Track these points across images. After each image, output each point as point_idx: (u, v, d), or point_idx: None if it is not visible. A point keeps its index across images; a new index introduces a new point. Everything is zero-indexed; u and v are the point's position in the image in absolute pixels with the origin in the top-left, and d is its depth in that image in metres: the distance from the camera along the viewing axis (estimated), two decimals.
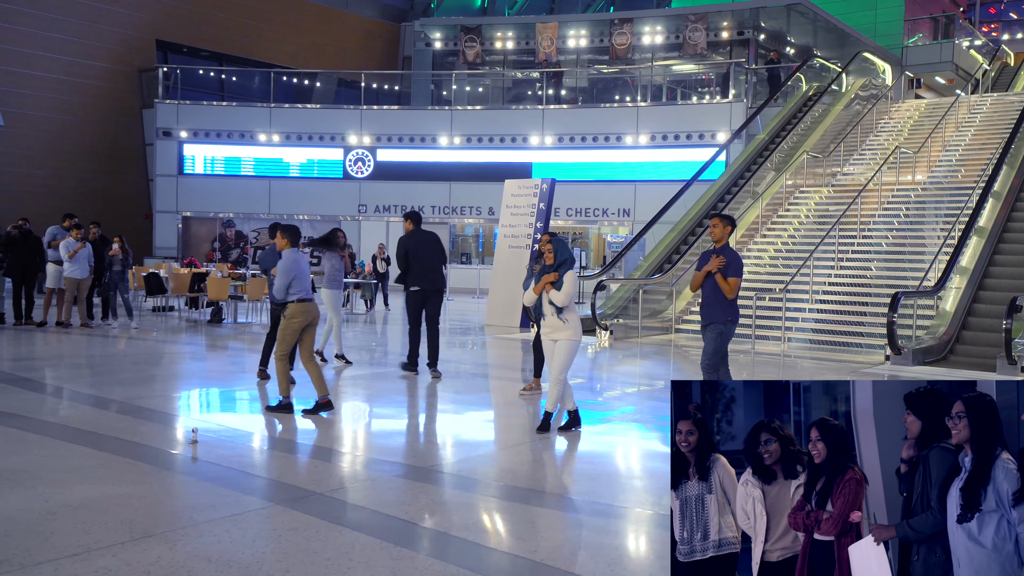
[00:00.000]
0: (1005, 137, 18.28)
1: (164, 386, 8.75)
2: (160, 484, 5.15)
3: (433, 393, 8.88)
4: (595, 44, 29.85)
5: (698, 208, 18.31)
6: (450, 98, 29.80)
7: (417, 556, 4.11)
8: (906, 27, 32.89)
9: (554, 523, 4.75)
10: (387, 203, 26.57)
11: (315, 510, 4.74)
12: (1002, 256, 13.94)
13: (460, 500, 5.12)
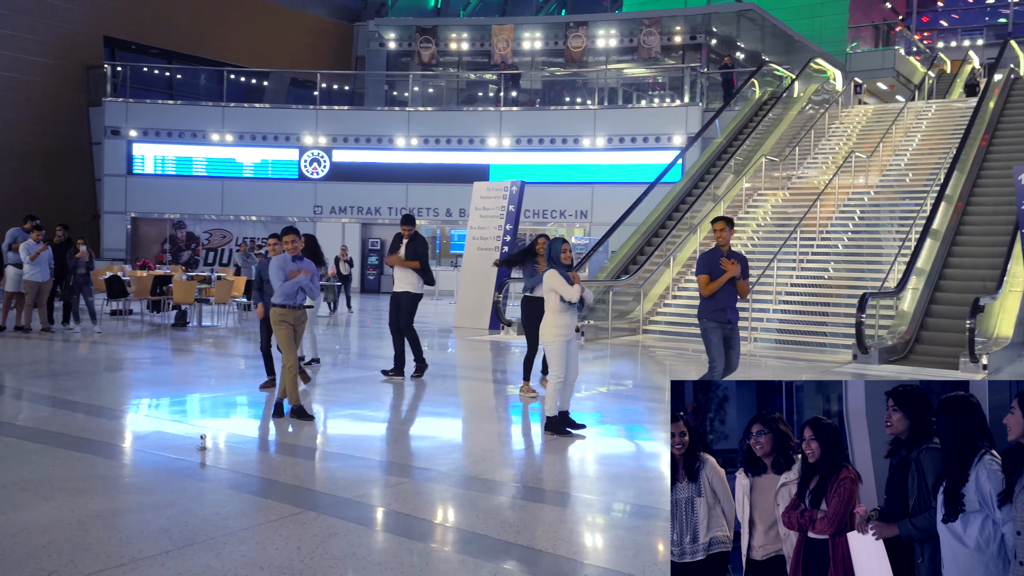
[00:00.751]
0: (951, 142, 19.01)
1: (150, 392, 8.61)
2: (182, 492, 5.09)
3: (431, 396, 8.91)
4: (550, 47, 30.06)
5: (660, 210, 18.61)
6: (405, 99, 29.72)
7: (468, 559, 4.16)
8: (850, 34, 33.85)
9: (582, 521, 4.84)
10: (343, 204, 26.40)
11: (348, 515, 4.75)
12: (955, 258, 14.45)
13: (489, 502, 5.18)
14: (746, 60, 29.88)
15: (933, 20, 51.25)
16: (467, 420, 8.04)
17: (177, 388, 8.90)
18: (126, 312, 16.38)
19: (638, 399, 9.54)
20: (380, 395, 8.79)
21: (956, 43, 45.40)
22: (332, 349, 12.48)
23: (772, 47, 30.46)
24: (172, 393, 8.57)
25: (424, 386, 9.31)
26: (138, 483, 5.29)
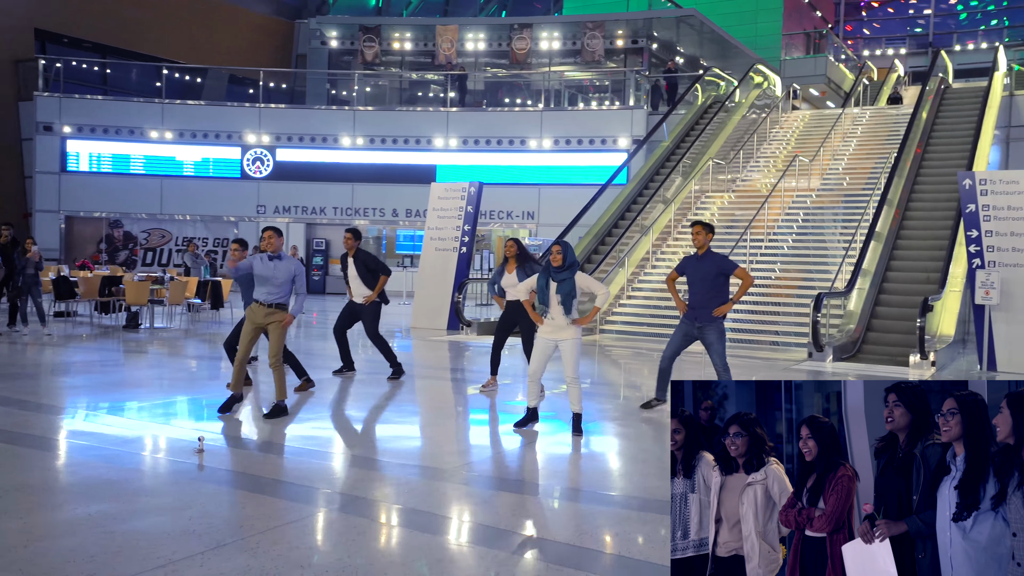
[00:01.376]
0: (885, 148, 19.78)
1: (123, 395, 8.45)
2: (196, 494, 5.06)
3: (408, 396, 8.95)
4: (494, 48, 30.20)
5: (611, 212, 18.91)
6: (348, 98, 29.52)
7: (499, 554, 4.26)
8: (784, 41, 34.80)
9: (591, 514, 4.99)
10: (288, 204, 26.08)
11: (370, 514, 4.80)
12: (897, 260, 15.08)
13: (508, 500, 5.27)
14: (686, 65, 30.47)
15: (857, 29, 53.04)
16: (457, 418, 8.11)
17: (156, 390, 8.75)
18: (70, 314, 15.94)
19: (593, 396, 9.72)
20: (360, 395, 8.80)
21: (881, 51, 47.06)
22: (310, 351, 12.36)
23: (710, 52, 31.16)
24: (152, 396, 8.42)
25: (401, 386, 9.34)
26: (145, 486, 5.24)
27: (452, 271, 15.51)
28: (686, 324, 7.82)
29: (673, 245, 17.58)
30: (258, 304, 7.31)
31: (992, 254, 11.52)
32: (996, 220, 11.57)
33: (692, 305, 7.75)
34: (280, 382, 7.35)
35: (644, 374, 11.30)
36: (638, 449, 6.88)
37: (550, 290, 6.92)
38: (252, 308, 7.38)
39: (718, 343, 7.70)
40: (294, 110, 26.94)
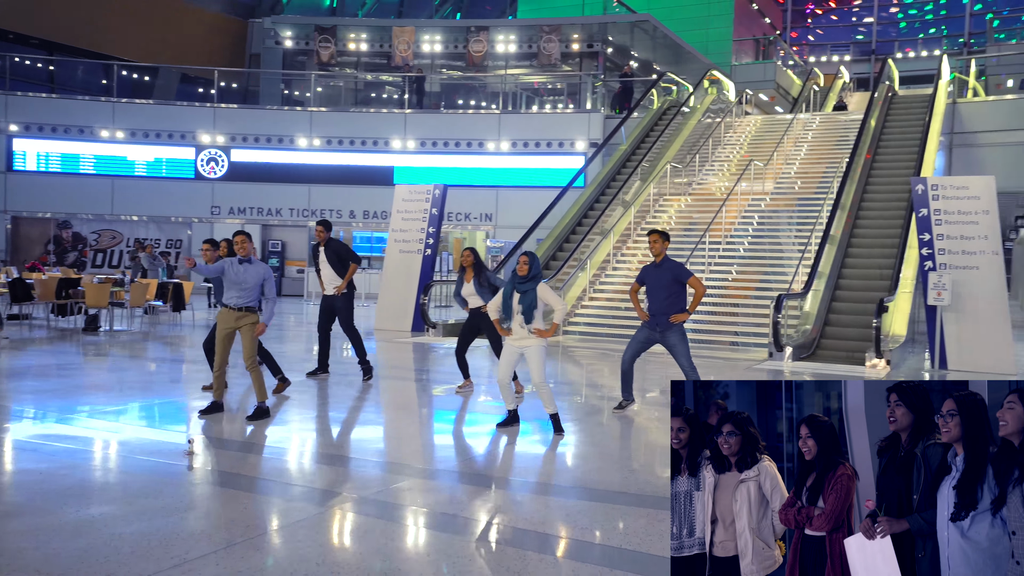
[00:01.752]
0: (835, 153, 20.37)
1: (96, 399, 8.37)
2: (195, 495, 5.10)
3: (382, 397, 9.02)
4: (450, 50, 30.24)
5: (571, 215, 19.12)
6: (302, 99, 29.34)
7: (507, 549, 4.39)
8: (734, 47, 35.50)
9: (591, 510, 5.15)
10: (243, 205, 25.82)
11: (371, 512, 4.89)
12: (851, 259, 15.55)
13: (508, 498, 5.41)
14: (639, 69, 30.90)
15: (802, 35, 54.24)
16: (440, 418, 8.21)
17: (128, 393, 8.69)
18: (26, 317, 15.62)
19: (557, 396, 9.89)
20: (339, 396, 8.85)
21: (826, 58, 48.19)
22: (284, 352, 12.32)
23: (663, 57, 31.62)
24: (124, 398, 8.36)
25: (378, 388, 9.41)
26: (141, 488, 5.24)
27: (417, 273, 15.58)
28: (647, 330, 8.06)
29: (633, 247, 17.87)
30: (228, 308, 7.36)
31: (943, 256, 11.99)
32: (947, 224, 12.04)
33: (651, 312, 8.00)
34: (259, 384, 7.39)
35: (606, 374, 11.50)
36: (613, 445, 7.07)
37: (513, 300, 7.07)
38: (222, 313, 7.42)
39: (681, 344, 7.92)
40: (249, 110, 26.68)
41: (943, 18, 53.87)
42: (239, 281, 7.33)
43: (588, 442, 7.15)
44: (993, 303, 11.75)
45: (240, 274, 7.32)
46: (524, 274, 7.05)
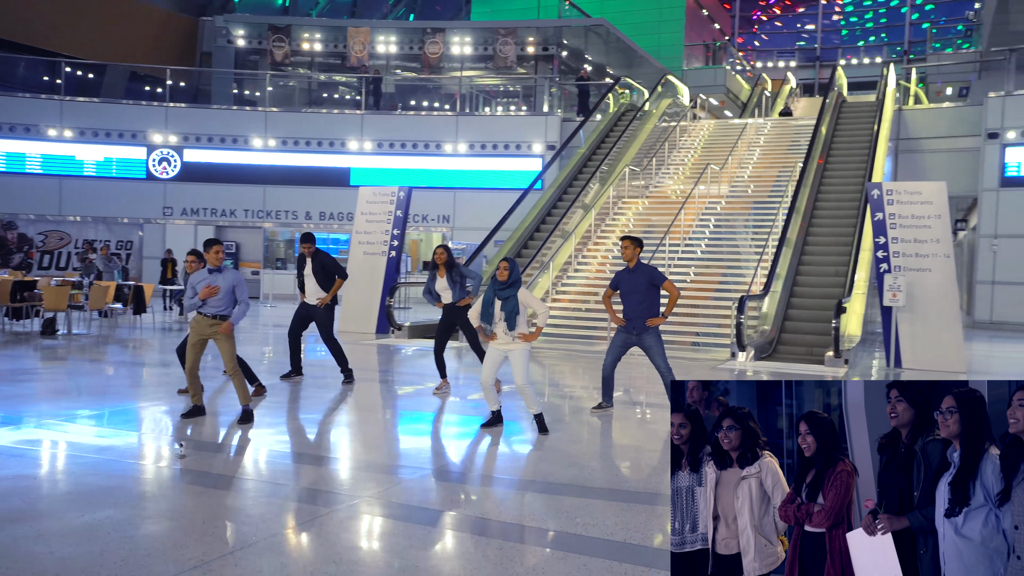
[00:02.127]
0: (787, 157, 20.90)
1: (74, 404, 8.27)
2: (196, 500, 5.12)
3: (355, 399, 9.06)
4: (406, 51, 30.24)
5: (531, 217, 19.29)
6: (254, 98, 29.06)
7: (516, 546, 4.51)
8: (685, 52, 36.07)
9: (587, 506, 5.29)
10: (196, 206, 25.47)
11: (381, 512, 4.97)
12: (806, 266, 15.98)
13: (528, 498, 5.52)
14: (593, 73, 31.23)
15: (748, 41, 55.33)
16: (424, 418, 8.28)
17: (108, 397, 8.59)
18: None
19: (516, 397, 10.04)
20: (317, 399, 8.87)
21: (772, 63, 49.20)
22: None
23: (617, 61, 32.03)
24: (107, 403, 8.27)
25: (354, 390, 9.44)
26: (141, 492, 5.25)
27: (381, 275, 15.58)
28: (624, 334, 8.21)
29: (593, 250, 18.11)
30: (202, 316, 7.39)
31: (898, 259, 12.42)
32: (901, 228, 12.48)
33: (628, 316, 8.15)
34: (241, 388, 7.41)
35: (569, 375, 11.66)
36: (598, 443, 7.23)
37: (495, 306, 7.18)
38: (196, 320, 7.46)
39: (657, 345, 8.10)
40: (203, 110, 26.32)
41: (883, 26, 55.48)
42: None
43: (572, 441, 7.29)
44: (944, 304, 12.21)
45: (211, 283, 7.38)
46: (504, 280, 7.16)
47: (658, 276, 8.16)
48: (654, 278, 8.13)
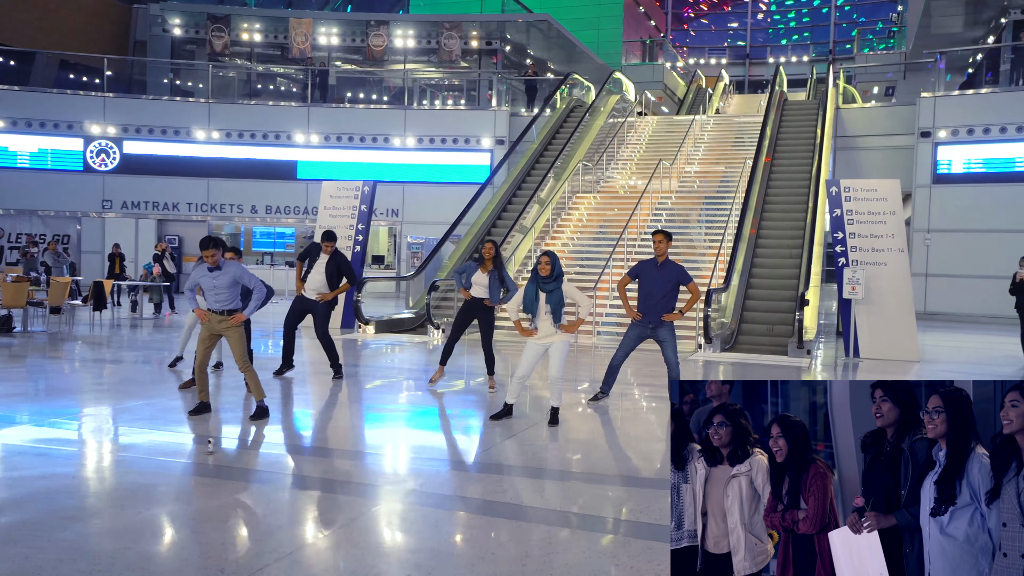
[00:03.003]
0: (732, 152, 21.55)
1: (75, 402, 8.12)
2: (244, 494, 5.17)
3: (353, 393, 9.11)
4: (349, 43, 30.00)
5: (488, 212, 19.45)
6: (192, 89, 28.44)
7: (549, 529, 4.71)
8: (624, 48, 36.63)
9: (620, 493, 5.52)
10: (137, 199, 24.86)
11: (429, 503, 5.10)
12: (760, 259, 16.54)
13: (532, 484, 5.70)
14: (536, 68, 31.47)
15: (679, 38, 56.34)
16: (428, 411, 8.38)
17: (109, 395, 8.45)
18: None
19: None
20: (319, 394, 8.91)
21: (704, 60, 50.24)
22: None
23: (558, 56, 32.33)
24: (109, 401, 8.15)
25: (339, 386, 9.49)
26: (187, 489, 5.26)
27: None
28: (639, 327, 8.38)
29: (551, 243, 18.36)
30: (212, 312, 7.39)
31: (855, 253, 13.00)
32: (858, 223, 13.06)
33: (644, 310, 8.28)
34: (255, 383, 7.42)
35: None
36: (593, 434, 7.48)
37: (539, 300, 7.34)
38: (207, 316, 7.42)
39: (671, 339, 8.34)
40: (143, 100, 25.67)
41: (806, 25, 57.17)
42: (212, 287, 7.40)
43: (585, 431, 7.50)
44: (899, 296, 12.83)
45: (211, 281, 7.38)
46: (547, 274, 7.32)
47: (685, 276, 8.28)
48: (682, 278, 8.24)
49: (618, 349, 8.53)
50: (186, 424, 7.15)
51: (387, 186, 25.02)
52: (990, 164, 21.05)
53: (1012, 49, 24.39)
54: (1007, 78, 23.71)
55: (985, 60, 27.17)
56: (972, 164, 21.19)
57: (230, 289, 7.40)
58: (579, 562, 4.16)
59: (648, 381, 10.57)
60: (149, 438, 6.68)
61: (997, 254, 20.12)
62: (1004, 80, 23.74)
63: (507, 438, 7.02)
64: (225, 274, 7.37)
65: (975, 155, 21.18)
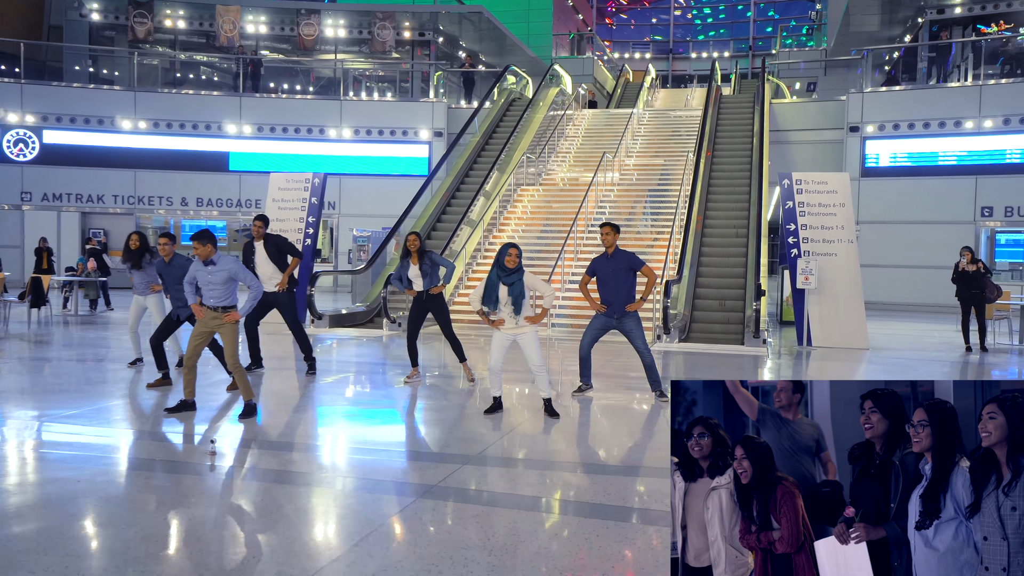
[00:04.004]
0: (670, 145, 21.94)
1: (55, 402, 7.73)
2: (273, 498, 5.02)
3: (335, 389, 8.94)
4: (277, 32, 29.34)
5: (434, 205, 19.29)
6: (111, 77, 27.42)
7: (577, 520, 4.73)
8: (553, 41, 36.79)
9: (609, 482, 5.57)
10: (58, 191, 23.81)
11: (469, 499, 5.05)
12: (708, 247, 16.86)
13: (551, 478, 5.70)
14: (472, 60, 31.33)
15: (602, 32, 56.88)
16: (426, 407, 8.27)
17: (84, 396, 8.06)
18: None
19: None
20: (293, 389, 8.70)
21: (629, 55, 50.89)
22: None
23: (489, 48, 32.26)
24: (85, 402, 7.78)
25: (328, 381, 9.30)
26: (208, 488, 5.08)
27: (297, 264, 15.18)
28: (604, 318, 8.49)
29: (498, 236, 18.33)
30: (207, 308, 7.18)
31: (807, 244, 13.38)
32: (809, 215, 13.44)
33: (607, 302, 8.42)
34: (243, 382, 7.21)
35: None
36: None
37: (499, 291, 7.33)
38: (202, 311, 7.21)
39: (637, 329, 8.43)
40: (65, 88, 24.59)
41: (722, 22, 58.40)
42: (206, 283, 7.18)
43: (583, 424, 7.53)
44: (849, 286, 13.27)
45: (205, 277, 7.16)
46: (515, 267, 7.32)
47: (636, 261, 8.46)
48: (634, 263, 8.42)
49: (583, 337, 8.60)
50: (178, 425, 6.90)
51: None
52: (915, 158, 21.94)
53: (930, 48, 25.47)
54: (923, 76, 24.76)
55: (902, 59, 28.31)
56: (898, 158, 22.05)
57: (225, 285, 7.17)
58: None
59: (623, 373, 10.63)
60: (151, 441, 6.42)
61: (924, 245, 21.03)
62: (921, 78, 24.77)
63: (505, 431, 6.99)
64: (220, 270, 7.13)
65: (901, 149, 22.05)
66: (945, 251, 21.17)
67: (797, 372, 11.42)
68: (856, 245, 13.42)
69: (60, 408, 7.51)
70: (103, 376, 9.41)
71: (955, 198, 21.36)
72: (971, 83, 21.99)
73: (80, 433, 6.65)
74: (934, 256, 21.14)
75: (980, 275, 12.94)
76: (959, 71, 23.57)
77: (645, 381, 8.76)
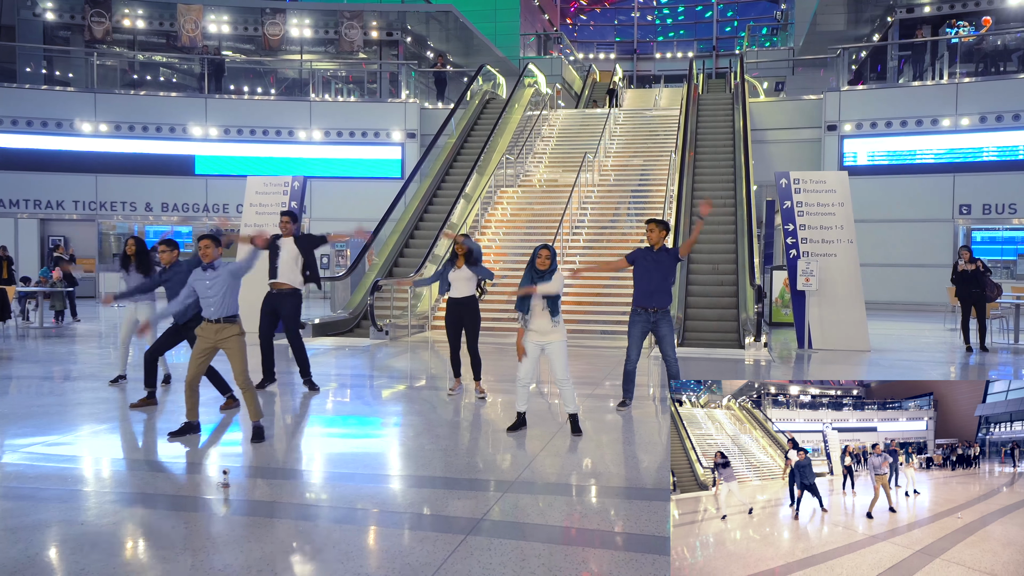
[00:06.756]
0: (647, 145, 21.70)
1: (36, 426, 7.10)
2: (300, 531, 4.51)
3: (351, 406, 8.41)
4: (241, 31, 28.55)
5: (413, 208, 18.77)
6: (67, 79, 26.42)
7: None
8: (522, 41, 36.41)
9: None
10: (15, 197, 22.84)
11: (504, 533, 4.59)
12: (696, 253, 16.54)
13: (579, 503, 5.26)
14: (437, 59, 30.80)
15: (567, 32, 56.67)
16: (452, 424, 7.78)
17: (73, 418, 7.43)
18: None
19: None
20: (315, 410, 8.16)
21: (594, 55, 50.68)
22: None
23: (457, 48, 31.76)
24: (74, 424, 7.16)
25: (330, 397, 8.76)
26: (218, 530, 4.56)
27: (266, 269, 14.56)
28: (641, 321, 8.05)
29: (479, 239, 17.87)
30: (207, 322, 6.61)
31: (806, 245, 13.12)
32: (808, 215, 13.18)
33: (648, 292, 8.02)
34: (252, 403, 6.65)
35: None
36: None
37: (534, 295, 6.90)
38: (202, 327, 6.65)
39: (670, 335, 8.07)
40: (20, 90, 23.58)
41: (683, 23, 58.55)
42: (204, 292, 6.63)
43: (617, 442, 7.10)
44: (849, 287, 13.03)
45: (204, 285, 6.62)
46: (547, 268, 6.92)
47: (675, 249, 8.17)
48: (675, 253, 8.13)
49: (628, 351, 8.17)
50: (182, 448, 6.33)
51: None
52: (893, 157, 21.91)
53: (904, 46, 25.54)
54: (896, 74, 24.81)
55: (870, 58, 28.40)
56: (876, 156, 22.00)
57: (227, 294, 6.60)
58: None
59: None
60: (155, 470, 5.85)
61: (904, 243, 20.98)
62: (895, 76, 24.82)
63: (535, 451, 6.54)
64: (220, 275, 6.57)
65: (879, 148, 22.01)
66: (924, 249, 21.19)
67: (799, 376, 11.12)
68: (855, 245, 13.18)
69: (41, 434, 6.88)
70: (80, 397, 8.77)
71: (933, 196, 21.36)
72: (947, 81, 22.03)
73: (69, 462, 6.06)
74: (913, 254, 21.13)
75: (980, 274, 12.78)
76: (933, 70, 23.64)
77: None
